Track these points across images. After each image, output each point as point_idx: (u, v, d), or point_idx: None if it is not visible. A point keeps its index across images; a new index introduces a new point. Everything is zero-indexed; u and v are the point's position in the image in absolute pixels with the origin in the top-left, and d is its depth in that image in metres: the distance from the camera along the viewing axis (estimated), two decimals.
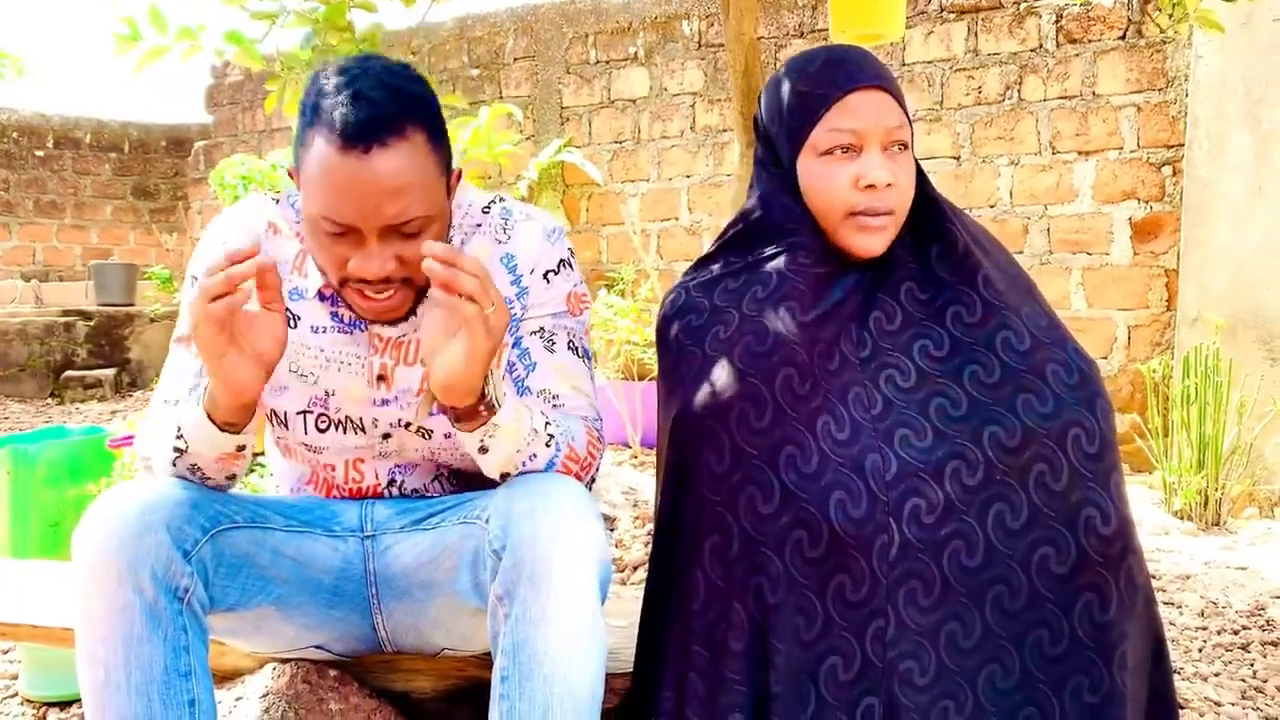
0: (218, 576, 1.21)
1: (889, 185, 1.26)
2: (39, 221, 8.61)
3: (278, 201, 1.37)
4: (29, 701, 2.07)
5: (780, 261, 1.30)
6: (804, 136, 1.30)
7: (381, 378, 1.33)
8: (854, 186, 1.26)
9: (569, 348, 1.36)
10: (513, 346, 1.35)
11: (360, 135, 1.13)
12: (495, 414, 1.18)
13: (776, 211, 1.34)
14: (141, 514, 1.13)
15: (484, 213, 1.37)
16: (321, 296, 1.32)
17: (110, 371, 6.94)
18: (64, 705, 2.05)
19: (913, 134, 1.32)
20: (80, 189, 8.78)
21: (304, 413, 1.35)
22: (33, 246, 8.60)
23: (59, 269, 8.65)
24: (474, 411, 1.18)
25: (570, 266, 1.38)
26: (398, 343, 1.33)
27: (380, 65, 1.19)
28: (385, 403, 1.34)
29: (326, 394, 1.34)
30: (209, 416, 1.19)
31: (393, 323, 1.30)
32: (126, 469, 2.28)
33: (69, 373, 6.82)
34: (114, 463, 2.31)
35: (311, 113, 1.17)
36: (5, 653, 2.30)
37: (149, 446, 1.29)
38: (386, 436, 1.37)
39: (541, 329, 1.35)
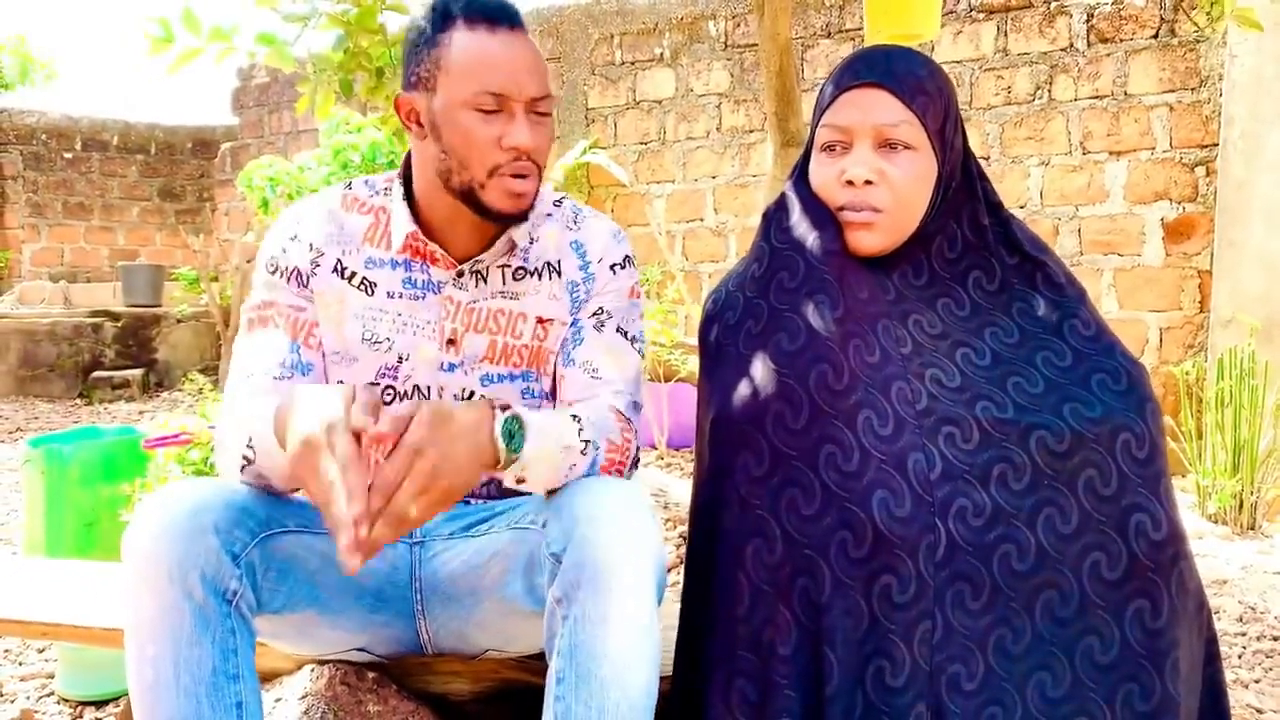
0: (266, 580, 1.21)
1: (868, 183, 1.27)
2: (67, 223, 8.70)
3: (350, 186, 1.44)
4: (65, 700, 2.08)
5: (802, 248, 1.30)
6: (815, 133, 1.34)
7: (451, 341, 1.39)
8: (838, 182, 1.29)
9: (617, 330, 1.42)
10: (571, 325, 1.42)
11: (505, 17, 1.29)
12: (518, 458, 1.17)
13: (796, 202, 1.35)
14: (191, 516, 1.13)
15: (555, 205, 1.46)
16: (394, 263, 1.39)
17: (138, 372, 7.00)
18: (100, 704, 2.06)
19: (939, 135, 1.30)
20: (108, 191, 8.86)
21: (372, 384, 1.39)
22: (61, 248, 8.69)
23: (87, 270, 8.73)
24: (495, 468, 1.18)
25: (632, 264, 1.46)
26: (469, 308, 1.39)
27: None
28: (452, 367, 1.39)
29: (399, 360, 1.39)
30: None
31: (518, 217, 1.34)
32: (161, 470, 2.29)
33: (97, 373, 6.88)
34: (148, 464, 2.32)
35: (441, 19, 1.29)
36: (41, 652, 2.32)
37: (220, 433, 1.28)
38: None
39: (600, 310, 1.42)
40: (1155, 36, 4.15)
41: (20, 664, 2.27)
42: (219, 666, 1.11)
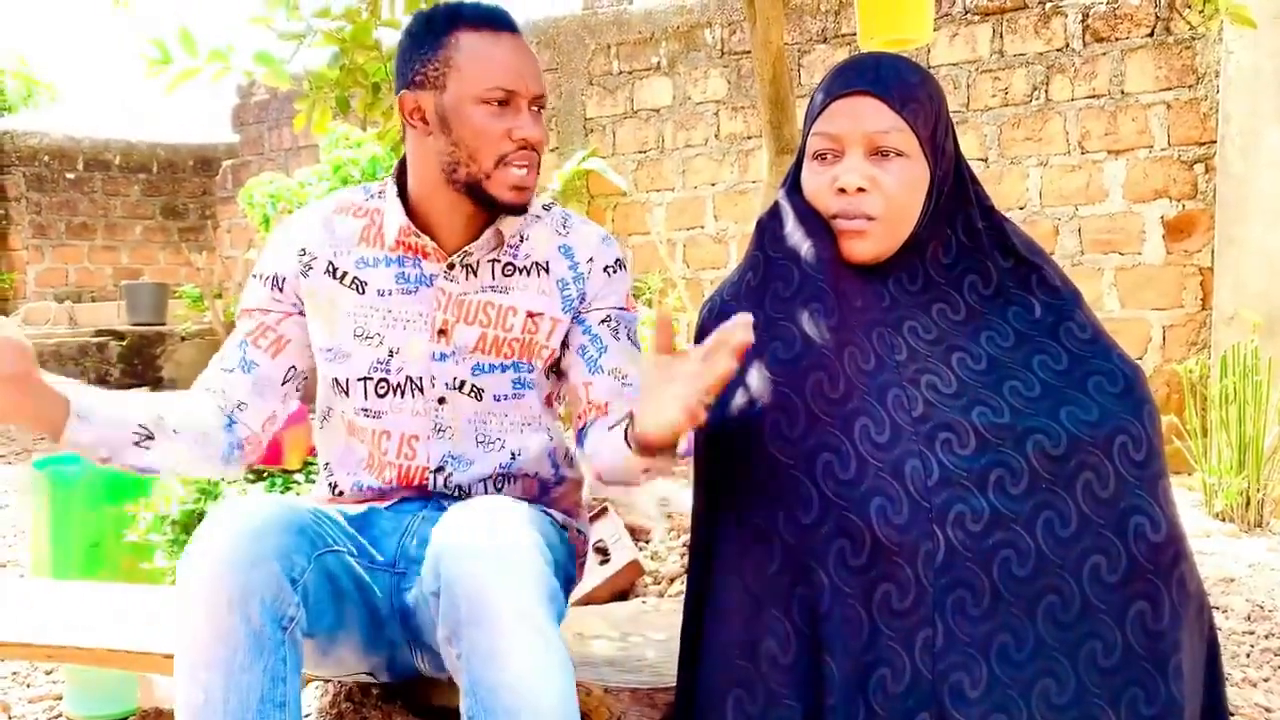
0: (316, 602, 1.23)
1: (860, 190, 1.27)
2: (71, 243, 8.73)
3: (347, 191, 1.50)
4: None
5: (797, 257, 1.30)
6: (806, 141, 1.34)
7: (442, 332, 1.43)
8: (831, 190, 1.29)
9: (629, 338, 1.49)
10: (583, 332, 1.47)
11: (509, 23, 1.38)
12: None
13: (789, 211, 1.35)
14: (254, 541, 1.14)
15: (544, 209, 1.51)
16: (388, 260, 1.44)
17: (143, 390, 7.01)
18: None
19: (931, 141, 1.30)
20: (111, 210, 8.88)
21: (364, 379, 1.44)
22: (65, 268, 8.71)
23: (91, 290, 8.75)
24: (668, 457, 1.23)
25: (625, 268, 1.51)
26: (459, 300, 1.43)
27: None
28: (443, 357, 1.43)
29: (390, 354, 1.43)
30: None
31: (519, 209, 1.40)
32: (165, 489, 2.29)
33: None
34: (152, 484, 2.32)
35: (446, 23, 1.36)
36: (49, 673, 2.32)
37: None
38: (442, 401, 1.43)
39: (609, 317, 1.48)
40: (1151, 35, 4.15)
41: (28, 685, 2.28)
42: (268, 694, 1.12)
